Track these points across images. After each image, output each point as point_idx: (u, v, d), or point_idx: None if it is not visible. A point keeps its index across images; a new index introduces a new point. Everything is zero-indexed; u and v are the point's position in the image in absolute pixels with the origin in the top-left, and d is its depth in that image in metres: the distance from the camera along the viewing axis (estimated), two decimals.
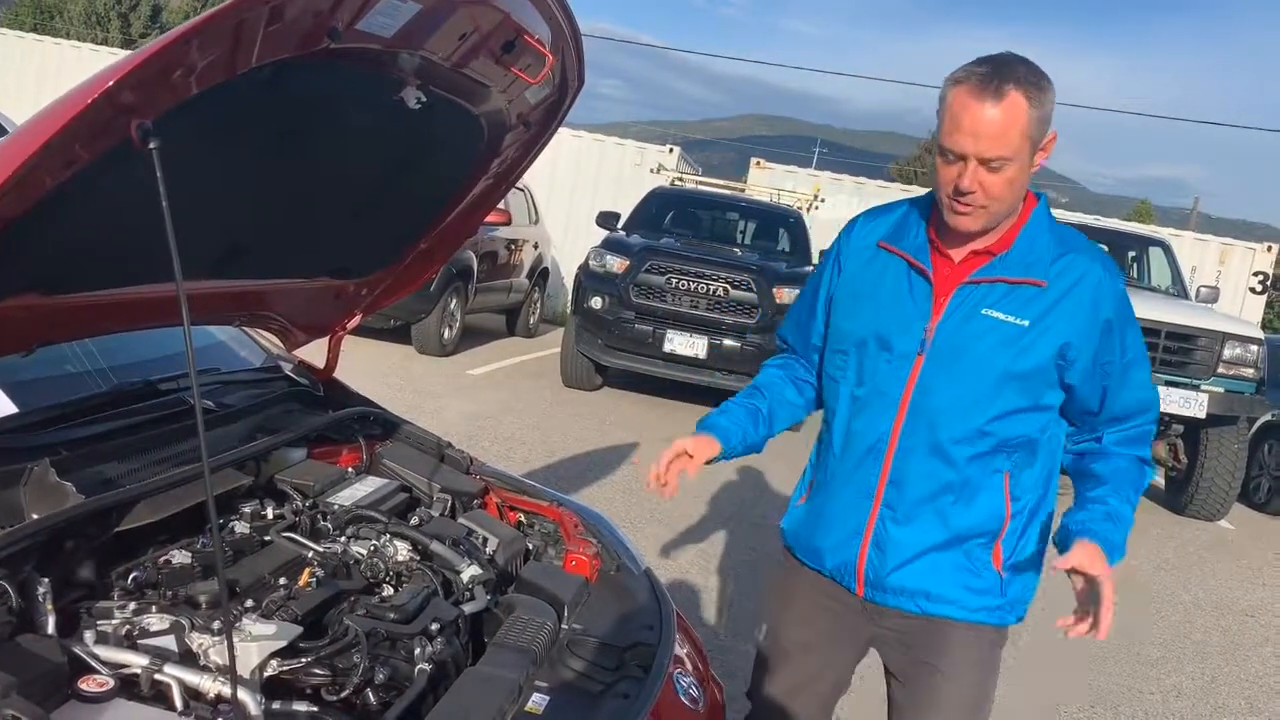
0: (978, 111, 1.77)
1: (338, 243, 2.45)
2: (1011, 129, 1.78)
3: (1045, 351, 1.91)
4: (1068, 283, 1.91)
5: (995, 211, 1.87)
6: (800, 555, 2.19)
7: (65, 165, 1.32)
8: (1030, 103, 1.78)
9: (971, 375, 1.93)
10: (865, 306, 2.05)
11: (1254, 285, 15.29)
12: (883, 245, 2.05)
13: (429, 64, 1.90)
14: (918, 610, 2.03)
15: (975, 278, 1.94)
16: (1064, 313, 1.91)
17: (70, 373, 2.32)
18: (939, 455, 1.97)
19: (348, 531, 2.19)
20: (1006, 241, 1.94)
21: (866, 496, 2.02)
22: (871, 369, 2.02)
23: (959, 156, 1.81)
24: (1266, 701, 4.83)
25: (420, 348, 9.89)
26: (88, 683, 1.44)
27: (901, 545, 2.01)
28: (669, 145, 16.02)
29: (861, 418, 2.03)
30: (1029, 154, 1.83)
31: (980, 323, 1.93)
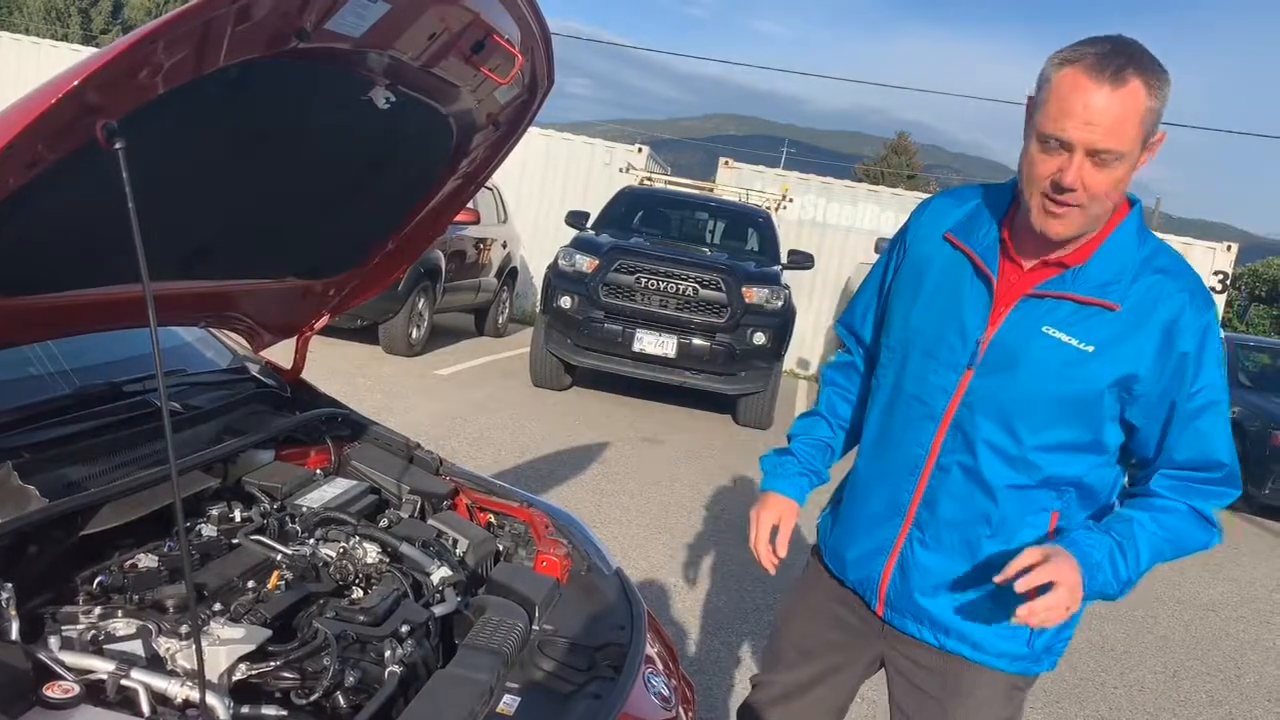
0: (1094, 95, 1.55)
1: (305, 243, 2.43)
2: (1129, 119, 1.56)
3: (1105, 381, 1.71)
4: (1145, 308, 1.70)
5: (1092, 215, 1.65)
6: (826, 560, 2.09)
7: (28, 166, 1.30)
8: (1150, 92, 1.57)
9: (1022, 397, 1.75)
10: (919, 304, 1.87)
11: (1214, 284, 15.52)
12: (949, 238, 1.86)
13: (398, 64, 1.89)
14: (935, 643, 1.89)
15: (1040, 290, 1.74)
16: (1134, 341, 1.70)
17: (33, 375, 2.29)
18: (977, 481, 1.80)
19: (316, 534, 2.17)
20: (1084, 254, 1.73)
21: (897, 513, 1.89)
22: (916, 374, 1.85)
23: (1064, 146, 1.60)
24: (1226, 693, 4.91)
25: (388, 348, 9.83)
26: (53, 689, 1.42)
27: (928, 572, 1.87)
28: (638, 145, 16.01)
29: (899, 427, 1.88)
30: (1139, 152, 1.62)
31: (1039, 341, 1.73)
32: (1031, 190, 1.67)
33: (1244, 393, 10.33)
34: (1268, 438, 9.49)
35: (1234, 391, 9.71)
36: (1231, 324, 23.84)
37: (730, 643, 4.34)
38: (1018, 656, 1.87)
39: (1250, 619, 6.27)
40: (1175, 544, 1.77)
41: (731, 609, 4.73)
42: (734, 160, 16.21)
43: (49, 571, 1.73)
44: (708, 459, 7.63)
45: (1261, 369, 11.59)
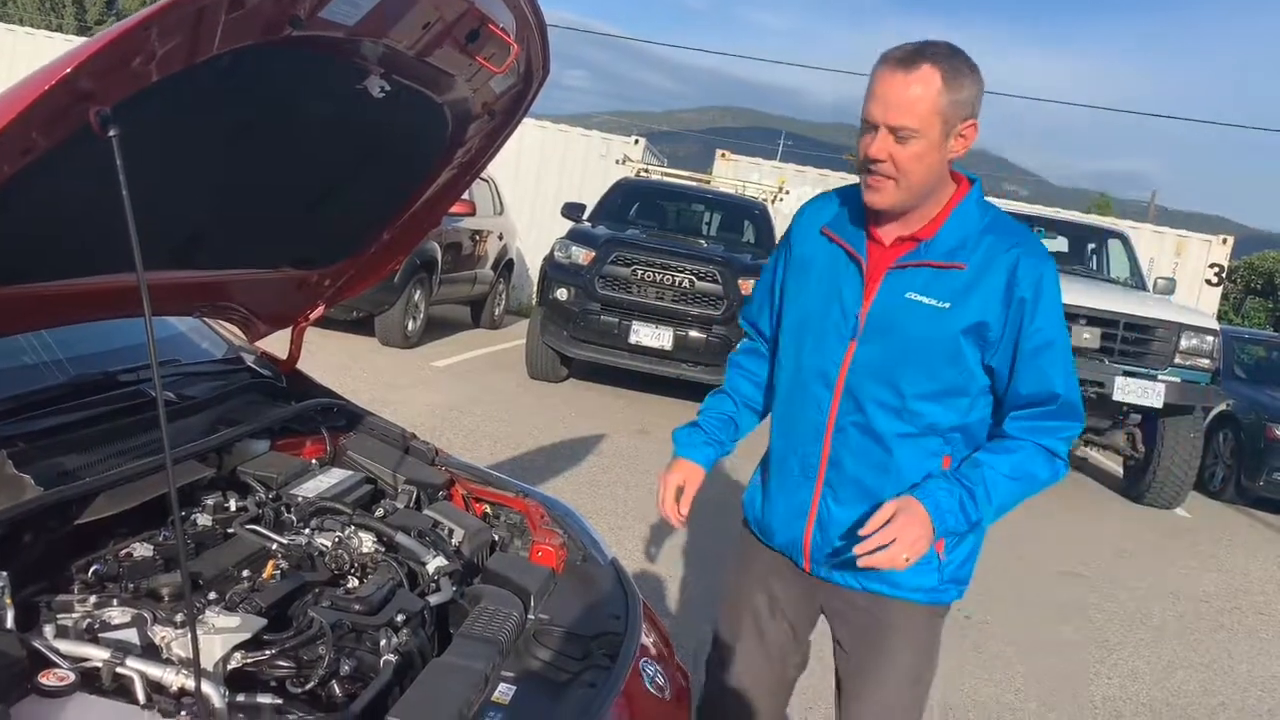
0: (891, 80, 1.83)
1: (300, 233, 2.43)
2: (921, 101, 1.82)
3: (963, 330, 1.95)
4: (986, 264, 1.94)
5: (906, 188, 1.90)
6: (755, 530, 2.29)
7: (21, 153, 1.30)
8: (944, 80, 1.83)
9: (896, 356, 1.98)
10: (806, 291, 2.11)
11: (1210, 277, 15.53)
12: (825, 231, 2.11)
13: (392, 52, 1.89)
14: (859, 587, 2.10)
15: (901, 263, 1.99)
16: (980, 293, 1.94)
17: (26, 364, 2.29)
18: (871, 436, 2.02)
19: (312, 523, 2.18)
20: (932, 228, 1.98)
21: (809, 477, 2.10)
22: (811, 351, 2.08)
23: (871, 125, 1.87)
24: (1220, 684, 4.93)
25: (384, 339, 9.82)
26: (48, 677, 1.42)
27: (842, 524, 2.07)
28: (634, 136, 15.99)
29: (802, 399, 2.10)
30: (940, 133, 1.86)
31: (905, 306, 1.97)
32: (859, 170, 1.95)
33: (1239, 385, 10.35)
34: (1262, 430, 9.52)
35: (1229, 385, 9.75)
36: (1227, 317, 23.87)
37: None
38: (930, 589, 2.09)
39: (1244, 610, 6.29)
40: (1024, 480, 1.99)
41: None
42: (731, 153, 16.20)
43: (44, 560, 1.73)
44: None
45: (1257, 362, 11.61)
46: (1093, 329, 8.03)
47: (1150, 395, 7.97)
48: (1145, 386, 7.97)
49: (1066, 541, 7.06)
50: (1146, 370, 8.09)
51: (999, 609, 5.31)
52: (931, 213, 1.98)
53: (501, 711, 1.70)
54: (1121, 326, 8.08)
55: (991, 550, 6.84)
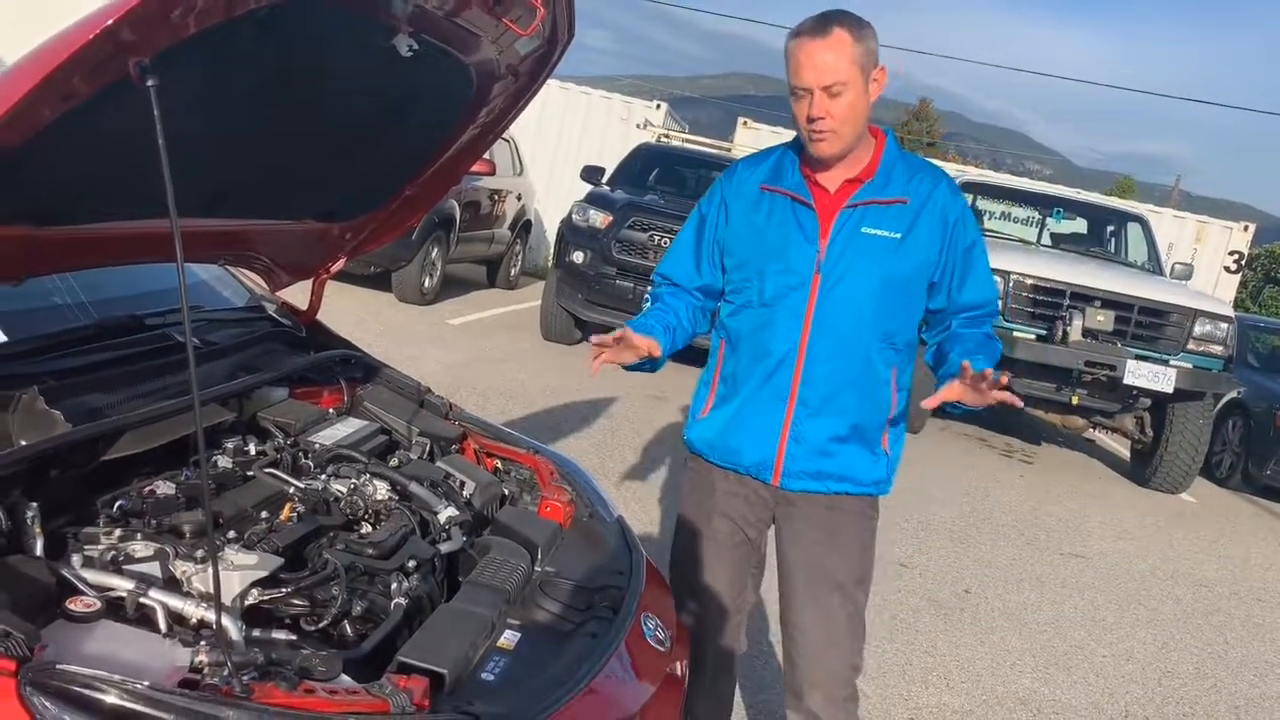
0: (812, 48, 2.13)
1: (324, 186, 2.47)
2: (841, 58, 2.12)
3: (917, 256, 2.28)
4: (923, 197, 2.29)
5: (845, 135, 2.19)
6: (714, 458, 2.46)
7: (63, 99, 1.34)
8: (853, 37, 2.13)
9: (860, 285, 2.26)
10: (760, 240, 2.34)
11: (1228, 264, 15.44)
12: (765, 188, 2.36)
13: (422, 11, 1.92)
14: (824, 490, 2.37)
15: (853, 202, 2.28)
16: (924, 221, 2.28)
17: (55, 305, 2.34)
18: (840, 357, 2.30)
19: (328, 470, 2.24)
20: (870, 170, 2.29)
21: (781, 400, 2.34)
22: (774, 291, 2.31)
23: (805, 90, 2.16)
24: (1213, 667, 4.98)
25: (400, 295, 9.88)
26: (75, 603, 1.49)
27: (816, 436, 2.33)
28: (656, 101, 15.93)
29: (769, 333, 2.33)
30: (863, 82, 2.17)
31: (861, 239, 2.27)
32: (801, 130, 2.23)
33: (1251, 374, 10.32)
34: (1272, 419, 9.51)
35: (1241, 372, 9.73)
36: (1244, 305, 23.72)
37: None
38: (879, 480, 2.41)
39: (1242, 595, 6.33)
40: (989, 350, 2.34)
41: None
42: (753, 120, 16.12)
43: (71, 494, 1.79)
44: None
45: (1271, 350, 11.57)
46: (1107, 312, 8.03)
47: (1161, 380, 7.97)
48: (1157, 371, 7.97)
49: (1070, 522, 7.11)
50: (1159, 355, 8.08)
51: (999, 585, 5.37)
52: (865, 158, 2.29)
53: (506, 657, 1.77)
54: (1136, 310, 8.07)
55: (995, 528, 6.90)
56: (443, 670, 1.59)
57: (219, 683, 1.40)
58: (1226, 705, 4.57)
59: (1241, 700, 4.66)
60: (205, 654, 1.46)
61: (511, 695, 1.63)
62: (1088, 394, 8.43)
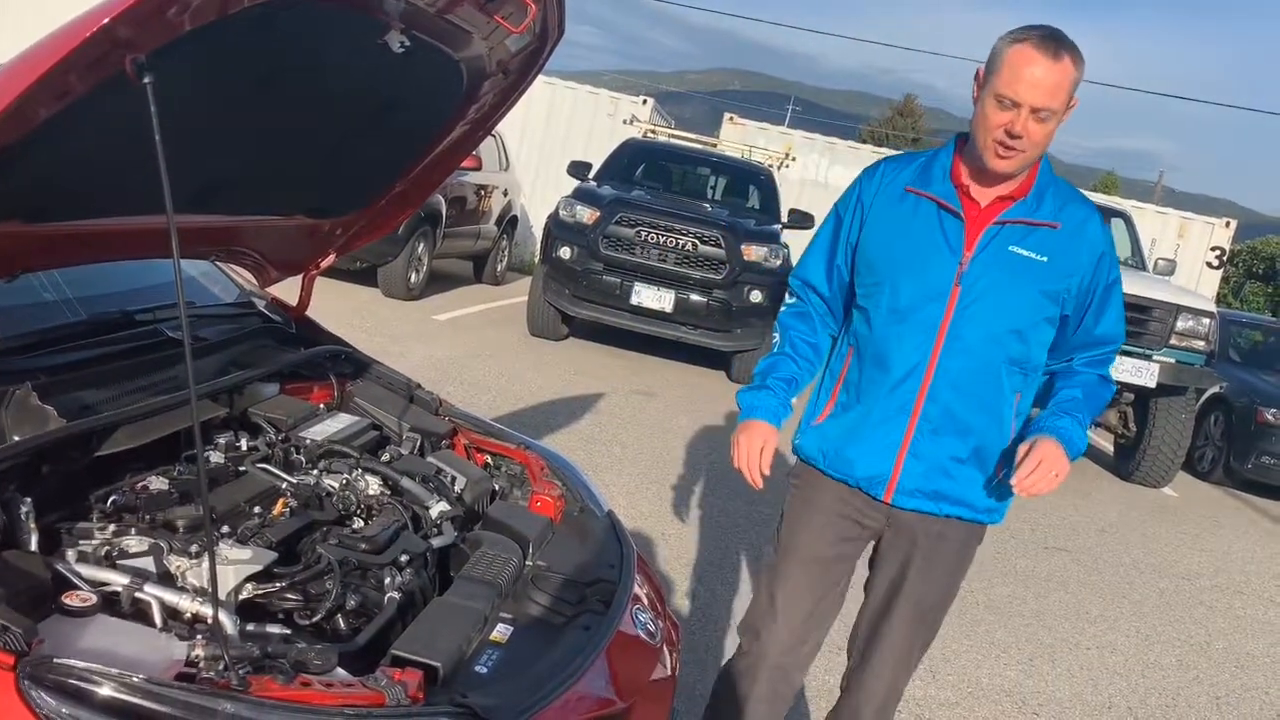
0: (1040, 66, 2.03)
1: (315, 182, 2.48)
2: (1062, 87, 2.05)
3: (1060, 283, 2.22)
4: (1074, 224, 2.23)
5: (1030, 158, 2.14)
6: (826, 467, 2.37)
7: (58, 97, 1.34)
8: (1075, 69, 2.07)
9: (1002, 305, 2.20)
10: (899, 243, 2.26)
11: (1211, 260, 15.56)
12: (911, 190, 2.27)
13: (414, 8, 1.93)
14: (939, 512, 2.31)
15: (1003, 219, 2.21)
16: (1073, 249, 2.22)
17: (45, 301, 2.34)
18: (970, 376, 2.23)
19: (320, 465, 2.25)
20: (1024, 189, 2.22)
21: (903, 412, 2.26)
22: (909, 298, 2.24)
23: (1014, 104, 2.06)
24: (1196, 659, 5.04)
25: (386, 291, 9.86)
26: (71, 598, 1.49)
27: (936, 454, 2.27)
28: (642, 96, 15.93)
29: (899, 343, 2.25)
30: (1065, 111, 2.11)
31: (1009, 258, 2.20)
32: (986, 139, 2.12)
33: (1233, 369, 10.42)
34: (1253, 414, 9.60)
35: (1223, 368, 9.82)
36: (1226, 300, 23.89)
37: (715, 590, 4.44)
38: (992, 509, 2.36)
39: (1224, 588, 6.40)
40: (1096, 403, 2.31)
41: (717, 558, 4.84)
42: (738, 116, 16.15)
43: (64, 489, 1.80)
44: (700, 413, 7.72)
45: (1252, 346, 11.67)
46: None
47: (1144, 375, 8.04)
48: (1139, 366, 8.03)
49: (1053, 516, 7.16)
50: (1142, 350, 8.14)
51: (984, 579, 5.41)
52: (1024, 176, 2.22)
53: (499, 650, 1.78)
54: None
55: None
56: (436, 663, 1.61)
57: (215, 676, 1.41)
58: (1208, 696, 4.62)
59: (1223, 691, 4.72)
60: (201, 648, 1.47)
61: (505, 688, 1.65)
62: None
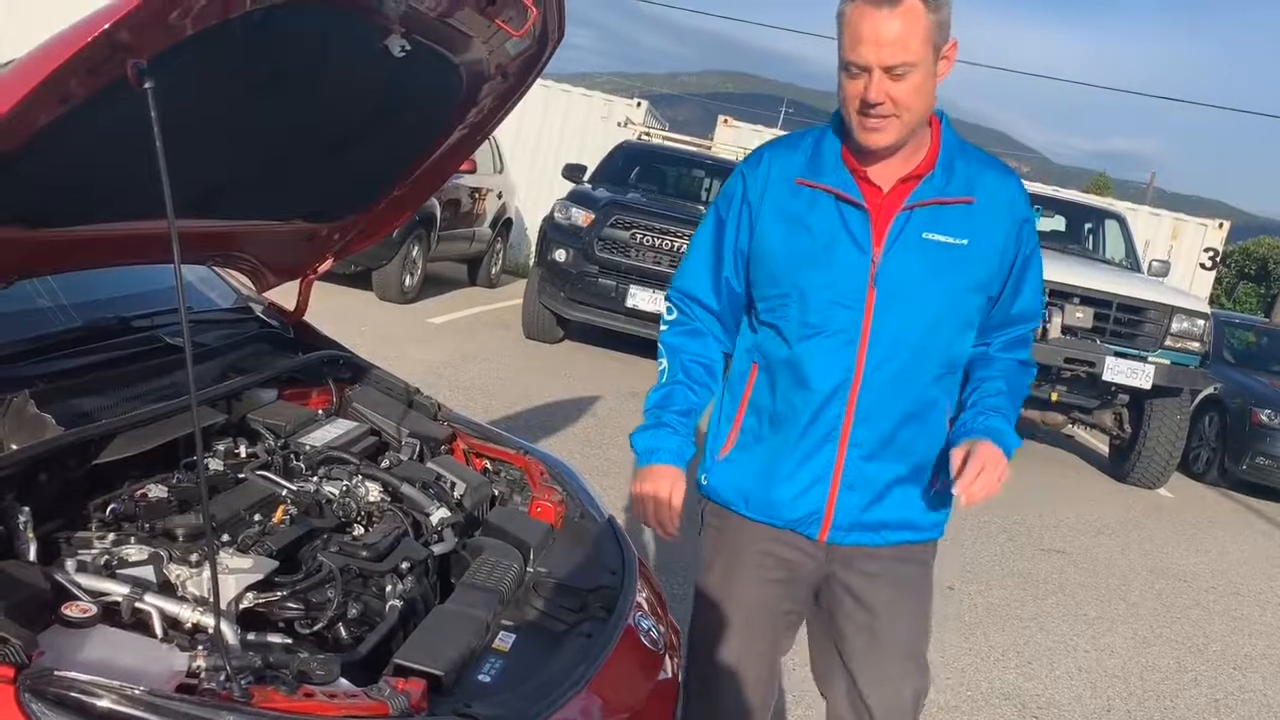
0: (877, 20, 1.74)
1: (313, 186, 2.46)
2: (912, 34, 1.75)
3: (987, 265, 1.95)
4: (990, 194, 1.95)
5: (907, 123, 1.83)
6: (747, 511, 2.08)
7: (60, 102, 1.33)
8: (927, 6, 1.76)
9: (925, 302, 1.91)
10: (799, 246, 1.94)
11: (1204, 261, 15.60)
12: (802, 182, 1.95)
13: (415, 12, 1.91)
14: (884, 542, 2.03)
15: (911, 202, 1.90)
16: (993, 224, 1.95)
17: (40, 307, 2.32)
18: (900, 389, 1.95)
19: (320, 472, 2.23)
20: (929, 163, 1.92)
21: (829, 439, 1.96)
22: (820, 310, 1.93)
23: (862, 69, 1.78)
24: (1193, 661, 5.04)
25: (381, 294, 9.84)
26: (71, 608, 1.48)
27: (873, 481, 1.98)
28: (637, 99, 15.92)
29: (816, 361, 1.94)
30: (932, 60, 1.80)
31: (924, 247, 1.90)
32: (849, 113, 1.86)
33: (1227, 370, 10.45)
34: (1248, 415, 9.62)
35: (1218, 369, 9.84)
36: (1219, 301, 23.95)
37: None
38: (937, 524, 2.11)
39: (1220, 590, 6.40)
40: (1019, 394, 2.06)
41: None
42: (733, 118, 16.16)
43: (63, 498, 1.78)
44: None
45: (1246, 347, 11.70)
46: (1085, 309, 8.09)
47: (1139, 376, 8.05)
48: (1135, 367, 8.04)
49: (1049, 518, 7.17)
50: (1137, 351, 8.16)
51: (981, 582, 5.41)
52: (922, 149, 1.92)
53: (501, 658, 1.77)
54: (1114, 307, 8.14)
55: (977, 525, 6.93)
56: (440, 672, 1.60)
57: (217, 687, 1.40)
58: (1206, 698, 4.62)
59: (1221, 693, 4.72)
60: (203, 658, 1.45)
61: (508, 697, 1.63)
62: (1067, 390, 8.50)
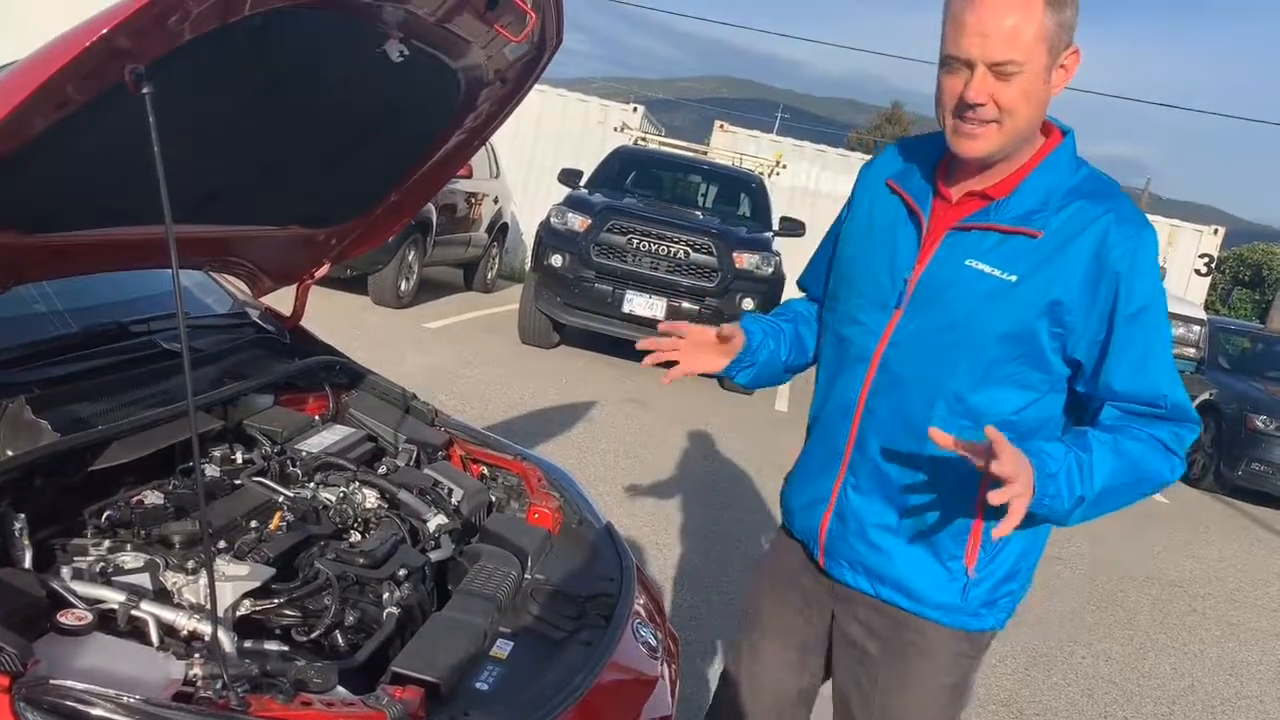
0: (986, 9, 1.55)
1: (311, 191, 2.46)
2: (1025, 27, 1.55)
3: (1030, 311, 1.65)
4: (1069, 233, 1.64)
5: (1010, 130, 1.62)
6: (784, 518, 2.04)
7: (57, 107, 1.33)
8: (1048, 4, 1.56)
9: (946, 333, 1.71)
10: (858, 250, 1.86)
11: (1199, 267, 15.63)
12: (890, 184, 1.84)
13: (414, 18, 1.91)
14: (872, 592, 1.84)
15: (965, 223, 1.71)
16: (1057, 266, 1.64)
17: (35, 313, 2.32)
18: (903, 421, 1.75)
19: (316, 478, 2.22)
20: (1009, 185, 1.69)
21: (833, 460, 1.86)
22: (852, 318, 1.83)
23: (964, 64, 1.58)
24: (1190, 667, 5.04)
25: (376, 299, 9.83)
26: (67, 616, 1.46)
27: (861, 516, 1.82)
28: (633, 104, 15.93)
29: (839, 371, 1.85)
30: (1046, 65, 1.59)
31: (962, 274, 1.69)
32: (944, 115, 1.66)
33: (1223, 375, 10.45)
34: (1244, 421, 9.62)
35: (1213, 374, 9.85)
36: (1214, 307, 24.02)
37: (710, 600, 4.43)
38: (954, 609, 1.79)
39: (1217, 596, 6.41)
40: (1136, 469, 1.65)
41: (711, 568, 4.82)
42: (728, 124, 16.17)
43: (58, 505, 1.77)
44: (692, 422, 7.70)
45: (1241, 352, 11.72)
46: None
47: None
48: None
49: None
50: None
51: None
52: (1013, 167, 1.69)
53: (500, 666, 1.76)
54: None
55: None
56: (438, 680, 1.59)
57: (214, 695, 1.38)
58: (1203, 705, 4.62)
59: (1218, 700, 4.72)
60: (199, 666, 1.44)
61: (506, 705, 1.63)
62: None
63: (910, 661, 1.83)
